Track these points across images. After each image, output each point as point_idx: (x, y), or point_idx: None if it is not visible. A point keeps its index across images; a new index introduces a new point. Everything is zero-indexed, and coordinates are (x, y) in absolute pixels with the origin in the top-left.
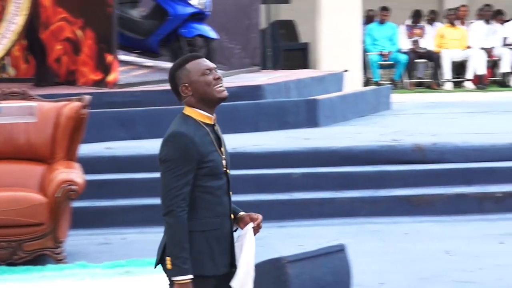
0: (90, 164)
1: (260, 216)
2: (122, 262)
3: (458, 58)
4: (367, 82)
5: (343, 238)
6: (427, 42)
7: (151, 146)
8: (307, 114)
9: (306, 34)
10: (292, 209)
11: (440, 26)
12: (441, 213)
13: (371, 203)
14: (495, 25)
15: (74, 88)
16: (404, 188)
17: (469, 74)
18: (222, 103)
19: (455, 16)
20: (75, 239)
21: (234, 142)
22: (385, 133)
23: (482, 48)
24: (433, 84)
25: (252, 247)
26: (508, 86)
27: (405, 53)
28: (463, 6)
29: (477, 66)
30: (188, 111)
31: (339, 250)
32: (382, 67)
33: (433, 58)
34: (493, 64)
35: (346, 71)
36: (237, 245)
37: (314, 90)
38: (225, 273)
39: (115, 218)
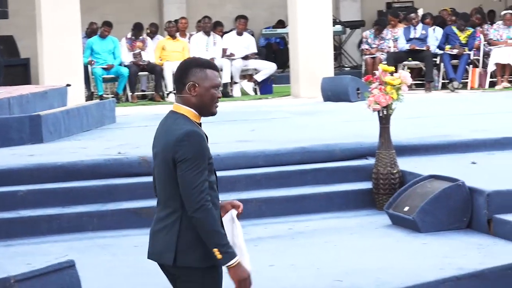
0: None
1: (241, 204)
2: None
3: None
4: (91, 96)
5: (72, 254)
6: (149, 55)
7: None
8: (30, 130)
9: (26, 49)
10: (19, 227)
11: (161, 39)
12: None
13: (99, 217)
14: (215, 37)
15: None
16: (132, 201)
17: None
18: None
19: (175, 29)
20: None
21: None
22: (111, 146)
23: None
24: (156, 96)
25: (241, 230)
26: (229, 95)
27: (127, 66)
28: (183, 18)
29: None
30: (183, 110)
31: (69, 266)
32: (105, 80)
33: (155, 70)
34: None
35: (68, 85)
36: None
37: (38, 106)
38: None
39: None
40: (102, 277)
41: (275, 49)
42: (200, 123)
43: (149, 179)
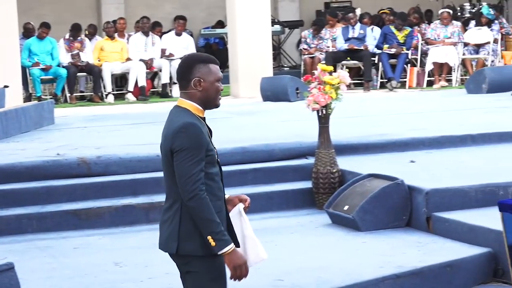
0: None
1: (248, 198)
2: None
3: (119, 70)
4: (29, 98)
5: (11, 257)
6: (87, 56)
7: None
8: None
9: None
10: None
11: (99, 39)
12: (109, 225)
13: (39, 219)
14: (154, 37)
15: None
16: (71, 203)
17: (130, 86)
18: None
19: (114, 29)
20: None
21: None
22: (50, 148)
23: (142, 60)
24: (95, 97)
25: (249, 222)
26: (169, 96)
27: (65, 67)
28: (121, 18)
29: (138, 78)
30: (186, 104)
31: (7, 268)
32: (43, 81)
33: (94, 71)
34: (153, 76)
35: (6, 87)
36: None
37: None
38: None
39: None
40: (41, 279)
41: (214, 49)
42: (204, 117)
43: (88, 180)
